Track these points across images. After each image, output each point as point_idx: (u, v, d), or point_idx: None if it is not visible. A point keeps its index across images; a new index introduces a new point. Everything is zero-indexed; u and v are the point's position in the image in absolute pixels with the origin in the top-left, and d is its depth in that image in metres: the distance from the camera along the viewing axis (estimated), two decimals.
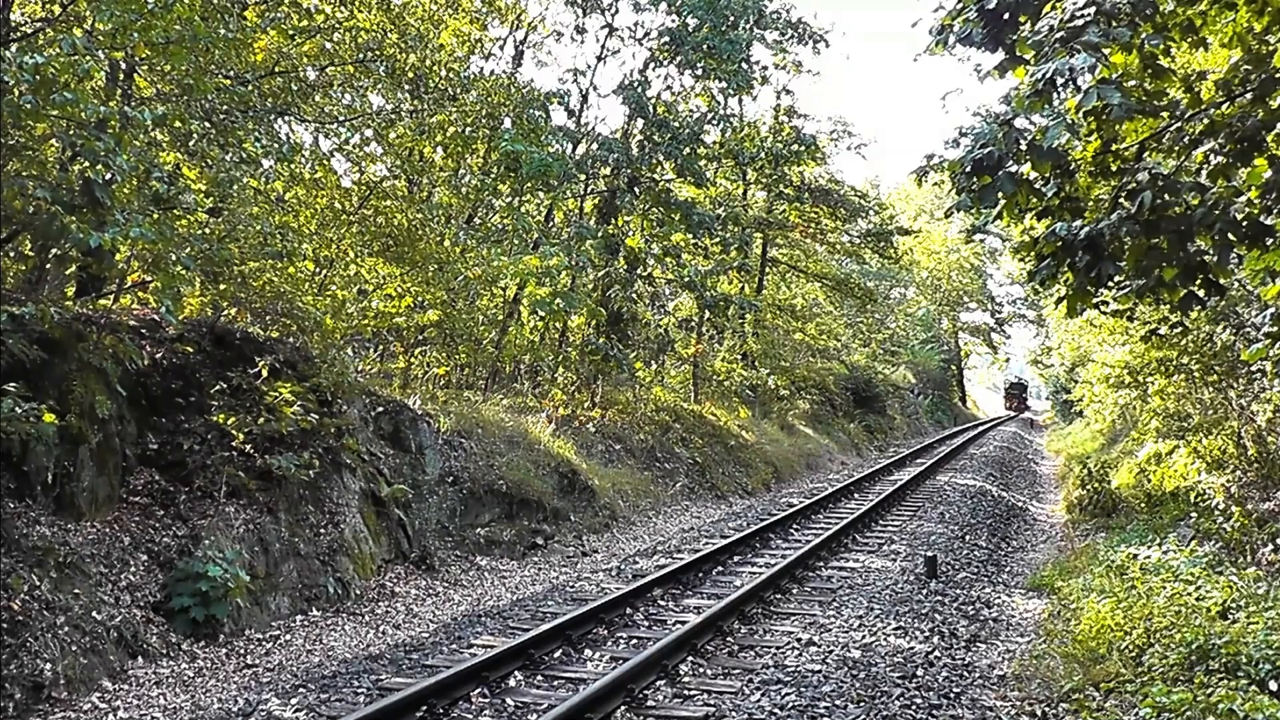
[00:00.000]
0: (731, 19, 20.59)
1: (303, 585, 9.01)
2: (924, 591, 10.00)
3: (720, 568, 11.15)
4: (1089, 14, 5.43)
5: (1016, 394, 71.95)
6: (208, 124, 9.29)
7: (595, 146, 20.25)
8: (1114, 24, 5.50)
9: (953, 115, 11.51)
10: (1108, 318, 12.81)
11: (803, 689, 6.72)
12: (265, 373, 9.59)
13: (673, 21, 20.74)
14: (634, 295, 20.98)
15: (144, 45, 8.03)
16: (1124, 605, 8.32)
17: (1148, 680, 6.68)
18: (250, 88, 9.95)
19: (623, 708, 6.36)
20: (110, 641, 6.99)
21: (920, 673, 7.26)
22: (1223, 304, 12.08)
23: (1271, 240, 6.23)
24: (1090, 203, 6.83)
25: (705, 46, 20.31)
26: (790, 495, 19.10)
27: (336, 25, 11.61)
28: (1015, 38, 6.21)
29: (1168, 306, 7.10)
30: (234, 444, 8.95)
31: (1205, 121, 6.60)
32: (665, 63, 21.23)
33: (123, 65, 9.31)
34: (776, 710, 6.31)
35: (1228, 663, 6.71)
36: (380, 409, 12.01)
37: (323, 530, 9.56)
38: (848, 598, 9.61)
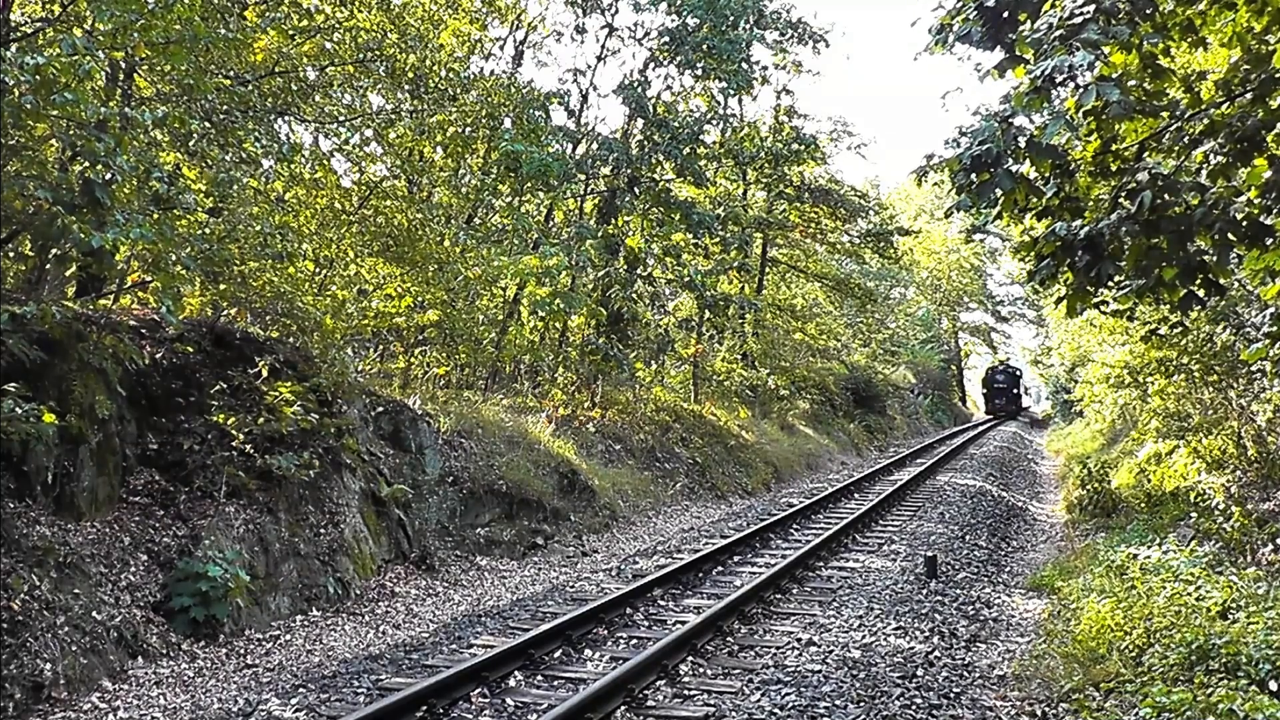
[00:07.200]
0: (731, 19, 20.60)
1: (303, 585, 9.01)
2: (924, 591, 9.99)
3: (720, 568, 11.15)
4: (1088, 12, 5.44)
5: (1004, 387, 51.65)
6: (208, 124, 9.29)
7: (595, 146, 20.26)
8: (1113, 22, 5.51)
9: (953, 115, 11.52)
10: (1108, 318, 12.80)
11: (803, 689, 6.72)
12: (265, 373, 9.60)
13: (673, 21, 20.75)
14: (634, 295, 20.97)
15: (144, 45, 8.03)
16: (1124, 605, 8.31)
17: (1148, 680, 6.67)
18: (250, 88, 9.96)
19: (623, 708, 6.36)
20: (110, 641, 6.99)
21: (920, 673, 7.26)
22: (1223, 304, 12.08)
23: (1271, 240, 6.24)
24: (1090, 203, 6.83)
25: (705, 46, 20.32)
26: (790, 495, 19.10)
27: (336, 25, 11.61)
28: (1015, 37, 6.21)
29: (1168, 306, 7.10)
30: (234, 444, 8.95)
31: (1205, 121, 6.61)
32: (665, 63, 21.23)
33: (123, 65, 9.30)
34: (776, 710, 6.31)
35: (1228, 663, 6.69)
36: (380, 409, 12.02)
37: (323, 530, 9.56)
38: (848, 598, 9.61)
